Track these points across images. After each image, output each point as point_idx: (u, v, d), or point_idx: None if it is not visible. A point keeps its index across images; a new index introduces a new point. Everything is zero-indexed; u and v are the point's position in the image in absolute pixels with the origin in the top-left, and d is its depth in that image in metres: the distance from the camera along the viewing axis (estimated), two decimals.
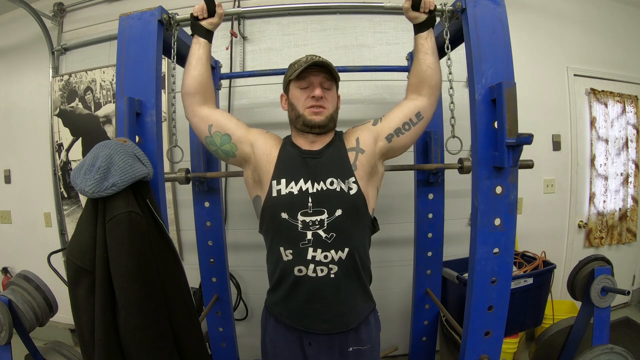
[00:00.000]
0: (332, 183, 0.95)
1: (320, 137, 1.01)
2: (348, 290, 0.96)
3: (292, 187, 0.95)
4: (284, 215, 0.94)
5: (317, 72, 0.97)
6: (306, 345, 0.99)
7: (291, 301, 0.97)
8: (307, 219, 0.92)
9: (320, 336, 0.97)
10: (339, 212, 0.93)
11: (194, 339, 0.96)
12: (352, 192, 0.95)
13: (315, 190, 0.94)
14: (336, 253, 0.92)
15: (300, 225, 0.92)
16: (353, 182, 0.96)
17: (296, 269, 0.93)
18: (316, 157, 0.99)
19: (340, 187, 0.94)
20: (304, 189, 0.94)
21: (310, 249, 0.92)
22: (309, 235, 0.92)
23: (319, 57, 0.98)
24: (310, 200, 0.93)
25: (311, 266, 0.92)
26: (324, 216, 0.92)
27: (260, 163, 0.99)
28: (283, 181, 0.96)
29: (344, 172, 0.97)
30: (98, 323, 0.81)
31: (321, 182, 0.95)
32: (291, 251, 0.93)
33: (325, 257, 0.92)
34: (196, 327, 0.99)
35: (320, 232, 0.92)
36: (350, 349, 0.99)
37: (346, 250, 0.93)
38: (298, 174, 0.96)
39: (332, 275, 0.93)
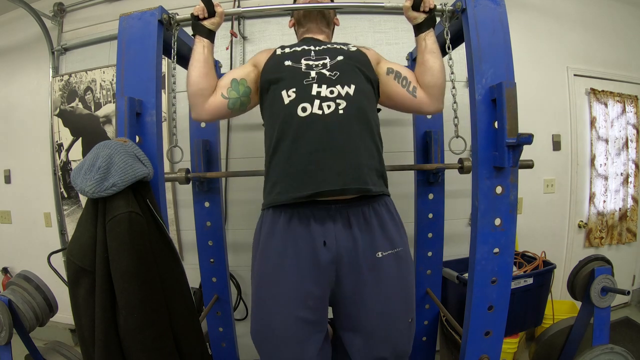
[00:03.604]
0: (332, 45, 1.01)
1: (320, 33, 1.09)
2: (360, 135, 0.85)
3: (295, 49, 0.99)
4: (288, 63, 0.94)
5: None
6: (320, 246, 0.82)
7: (295, 159, 0.83)
8: (311, 62, 0.93)
9: (337, 223, 0.82)
10: (340, 57, 0.95)
11: (194, 339, 0.96)
12: (351, 49, 1.00)
13: (317, 48, 0.98)
14: (342, 88, 0.87)
15: (303, 67, 0.92)
16: (352, 46, 1.02)
17: (300, 107, 0.85)
18: (318, 42, 1.05)
19: (340, 46, 1.00)
20: (306, 48, 0.99)
21: (315, 85, 0.87)
22: (313, 74, 0.90)
23: None
24: (312, 52, 0.97)
25: (316, 102, 0.84)
26: (327, 60, 0.94)
27: (263, 59, 1.03)
28: (287, 48, 1.01)
29: (343, 44, 1.03)
30: (98, 323, 0.81)
31: (322, 46, 1.00)
32: (294, 89, 0.88)
33: (332, 92, 0.86)
34: (196, 327, 0.98)
35: (324, 71, 0.91)
36: (380, 254, 0.84)
37: (352, 86, 0.88)
38: (300, 45, 1.02)
39: (341, 111, 0.84)
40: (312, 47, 1.00)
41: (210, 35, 1.04)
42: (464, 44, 1.08)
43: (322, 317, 0.89)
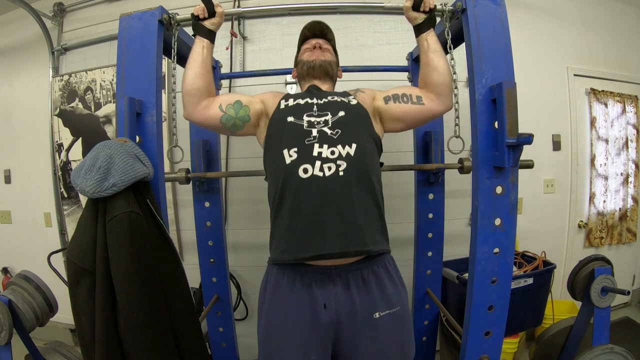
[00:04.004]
0: (333, 98, 1.02)
1: (323, 84, 1.11)
2: (360, 195, 0.87)
3: (299, 101, 1.01)
4: (290, 119, 0.96)
5: (316, 39, 1.16)
6: (321, 309, 0.85)
7: (296, 220, 0.86)
8: (313, 119, 0.95)
9: (337, 285, 0.85)
10: (341, 113, 0.96)
11: (194, 339, 0.96)
12: (352, 103, 1.01)
13: (320, 102, 1.00)
14: (343, 148, 0.88)
15: (305, 124, 0.93)
16: (352, 98, 1.03)
17: (301, 168, 0.86)
18: (320, 90, 1.08)
19: (341, 99, 1.01)
20: (310, 101, 1.01)
21: (316, 145, 0.88)
22: (314, 132, 0.91)
23: (318, 22, 1.17)
24: (315, 107, 0.99)
25: (317, 163, 0.86)
26: (328, 117, 0.95)
27: (270, 105, 1.05)
28: (291, 99, 1.03)
29: (343, 95, 1.05)
30: (98, 323, 0.81)
31: (323, 99, 1.01)
32: (295, 149, 0.89)
33: (332, 152, 0.87)
34: (196, 327, 0.98)
35: (326, 129, 0.92)
36: (377, 314, 0.86)
37: (354, 145, 0.89)
38: (305, 96, 1.04)
39: (341, 173, 0.85)
40: (315, 101, 1.00)
41: (210, 35, 1.05)
42: (464, 44, 1.08)
43: None
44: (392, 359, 0.90)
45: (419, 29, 1.05)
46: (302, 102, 1.01)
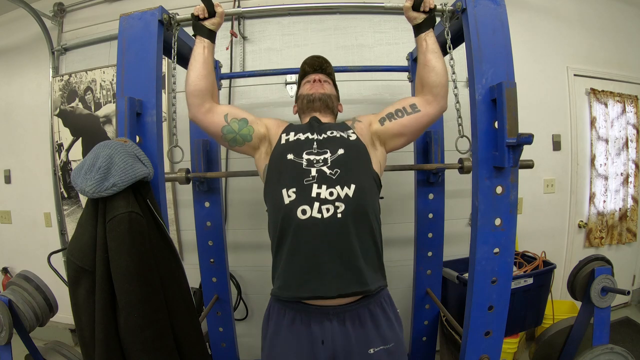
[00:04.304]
0: (332, 132, 1.02)
1: (324, 117, 1.12)
2: (359, 237, 0.88)
3: (299, 136, 1.02)
4: (290, 156, 0.97)
5: (316, 74, 1.19)
6: (319, 345, 0.89)
7: (295, 260, 0.88)
8: (312, 157, 0.95)
9: (334, 322, 0.88)
10: (341, 151, 0.97)
11: (194, 339, 0.96)
12: (351, 138, 1.02)
13: (319, 138, 1.01)
14: (342, 189, 0.89)
15: (304, 163, 0.94)
16: (351, 132, 1.04)
17: (300, 210, 0.87)
18: (321, 123, 1.08)
19: (340, 135, 1.02)
20: (310, 137, 1.01)
21: (315, 186, 0.89)
22: (313, 172, 0.92)
23: (317, 57, 1.21)
24: (315, 143, 0.99)
25: (316, 205, 0.86)
26: (327, 155, 0.96)
27: (273, 134, 1.07)
28: (292, 133, 1.04)
29: (343, 128, 1.05)
30: (98, 323, 0.81)
31: (322, 134, 1.02)
32: (294, 189, 0.90)
33: (331, 194, 0.88)
34: (196, 327, 0.98)
35: (325, 168, 0.92)
36: (372, 350, 0.89)
37: (352, 186, 0.89)
38: (305, 130, 1.04)
39: (339, 215, 0.86)
40: (315, 136, 1.01)
41: (211, 35, 1.05)
42: (463, 44, 1.08)
43: None
44: None
45: (418, 29, 1.05)
46: (302, 137, 1.01)
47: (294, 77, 1.93)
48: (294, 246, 0.88)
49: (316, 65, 1.21)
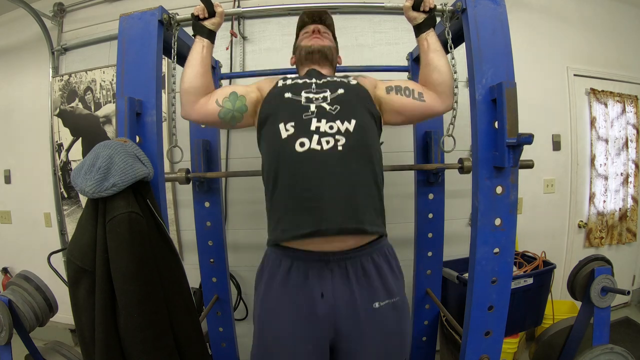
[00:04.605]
0: (332, 78, 1.01)
1: (323, 69, 1.09)
2: (360, 173, 0.84)
3: (297, 81, 1.00)
4: (288, 95, 0.94)
5: (316, 25, 1.14)
6: (317, 298, 0.83)
7: (294, 195, 0.83)
8: (311, 95, 0.92)
9: (335, 273, 0.83)
10: (340, 91, 0.95)
11: (194, 339, 0.96)
12: (352, 82, 1.00)
13: (318, 82, 0.98)
14: (342, 123, 0.86)
15: (303, 100, 0.91)
16: (352, 79, 1.02)
17: (298, 142, 0.83)
18: (320, 74, 1.06)
19: (341, 79, 1.00)
20: (308, 81, 0.99)
21: (314, 120, 0.86)
22: (313, 107, 0.89)
23: (318, 11, 1.16)
24: (314, 85, 0.96)
25: (315, 137, 0.83)
26: (327, 93, 0.93)
27: (267, 89, 1.03)
28: (289, 80, 1.01)
29: (343, 77, 1.04)
30: (98, 323, 0.81)
31: (322, 79, 1.00)
32: (292, 124, 0.86)
33: (331, 127, 0.85)
34: (196, 327, 0.98)
35: (324, 104, 0.90)
36: (377, 304, 0.84)
37: (353, 122, 0.87)
38: (302, 77, 1.02)
39: (340, 148, 0.82)
40: (313, 80, 0.99)
41: (210, 35, 1.04)
42: (463, 44, 1.08)
43: None
44: (391, 349, 0.89)
45: (419, 29, 1.05)
46: (300, 81, 1.00)
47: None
48: (292, 181, 0.83)
49: (315, 16, 1.16)
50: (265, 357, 0.91)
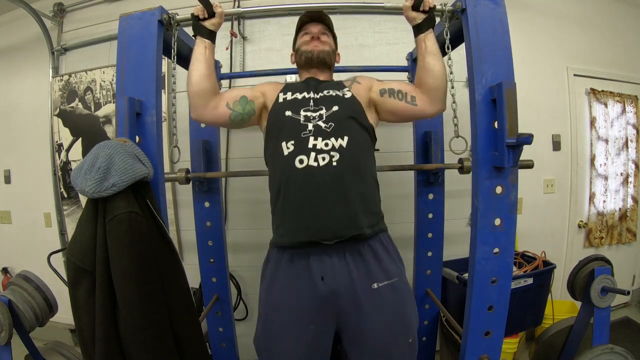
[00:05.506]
0: (328, 92, 1.06)
1: (321, 75, 1.14)
2: (353, 183, 0.91)
3: (297, 95, 1.06)
4: (288, 113, 1.01)
5: (315, 24, 1.18)
6: (318, 281, 0.89)
7: (294, 207, 0.91)
8: (309, 113, 1.00)
9: (333, 258, 0.90)
10: (335, 108, 1.01)
11: (194, 339, 0.96)
12: (346, 96, 1.06)
13: (316, 97, 1.05)
14: (336, 140, 0.94)
15: (302, 119, 0.99)
16: (347, 91, 1.07)
17: (297, 159, 0.92)
18: (318, 82, 1.11)
19: (336, 94, 1.06)
20: (307, 96, 1.05)
21: (311, 138, 0.94)
22: (310, 126, 0.97)
23: (317, 11, 1.19)
24: (311, 102, 1.03)
25: (312, 154, 0.92)
26: (323, 111, 1.00)
27: (270, 95, 1.10)
28: (289, 93, 1.07)
29: (339, 87, 1.09)
30: (98, 323, 0.81)
31: (319, 93, 1.06)
32: (292, 142, 0.95)
33: (326, 144, 0.93)
34: (196, 327, 0.98)
35: (320, 123, 0.97)
36: (375, 285, 0.91)
37: (346, 138, 0.94)
38: (302, 89, 1.08)
39: (335, 164, 0.91)
40: (312, 95, 1.05)
41: (211, 35, 1.05)
42: (463, 44, 1.08)
43: (323, 345, 0.96)
44: (395, 329, 0.93)
45: (418, 30, 1.05)
46: (299, 97, 1.05)
47: (294, 77, 1.93)
48: (292, 193, 0.92)
49: (315, 16, 1.19)
50: (270, 340, 0.96)
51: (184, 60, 1.27)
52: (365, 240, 0.92)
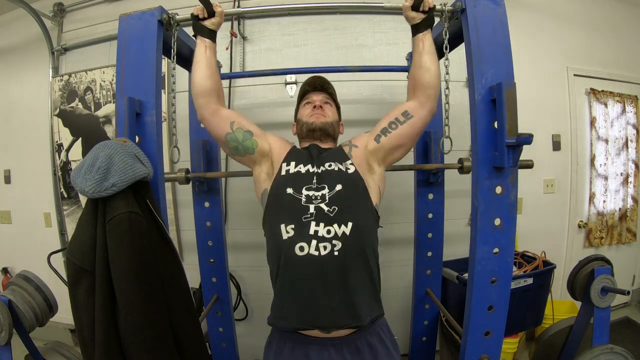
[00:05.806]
0: (330, 165, 1.02)
1: (324, 144, 1.11)
2: (355, 273, 0.90)
3: (300, 168, 1.01)
4: (289, 190, 0.97)
5: (317, 93, 1.16)
6: None
7: (292, 294, 0.90)
8: (311, 193, 0.95)
9: (331, 352, 0.91)
10: (338, 187, 0.96)
11: (194, 339, 0.96)
12: (349, 171, 1.01)
13: (318, 171, 1.00)
14: (339, 227, 0.89)
15: (303, 199, 0.94)
16: (350, 164, 1.02)
17: (297, 247, 0.88)
18: (320, 152, 1.08)
19: (339, 167, 1.01)
20: (310, 170, 1.00)
21: (313, 223, 0.90)
22: (312, 208, 0.92)
23: (320, 78, 1.19)
24: (315, 178, 0.98)
25: (313, 242, 0.88)
26: (325, 191, 0.95)
27: (275, 156, 1.06)
28: (292, 163, 1.03)
29: (341, 158, 1.04)
30: (98, 323, 0.81)
31: (321, 167, 1.01)
32: (293, 226, 0.91)
33: (328, 232, 0.89)
34: (196, 327, 0.98)
35: (323, 205, 0.93)
36: None
37: (349, 224, 0.90)
38: (306, 161, 1.03)
39: (336, 253, 0.87)
40: (315, 169, 1.00)
41: (211, 35, 1.05)
42: (463, 44, 1.08)
43: None
44: None
45: (416, 29, 1.05)
46: (302, 170, 1.00)
47: (293, 77, 1.94)
48: (291, 281, 0.90)
49: (317, 84, 1.18)
50: None
51: (184, 60, 1.27)
52: (364, 335, 0.93)
